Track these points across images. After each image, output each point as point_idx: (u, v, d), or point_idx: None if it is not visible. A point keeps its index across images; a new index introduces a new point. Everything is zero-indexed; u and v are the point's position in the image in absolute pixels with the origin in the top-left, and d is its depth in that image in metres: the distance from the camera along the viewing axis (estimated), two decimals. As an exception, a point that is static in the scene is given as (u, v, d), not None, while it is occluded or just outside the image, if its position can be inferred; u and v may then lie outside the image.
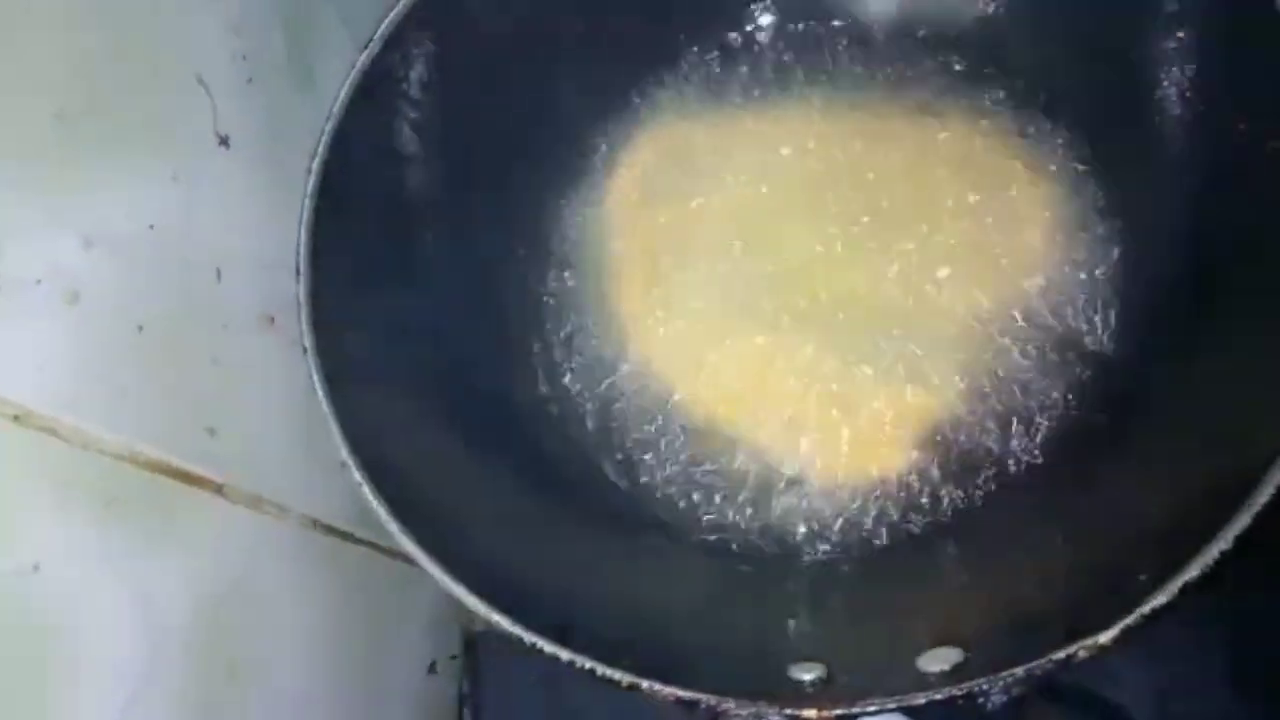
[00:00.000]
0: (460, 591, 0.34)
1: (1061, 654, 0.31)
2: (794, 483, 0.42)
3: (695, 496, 0.42)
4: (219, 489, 0.42)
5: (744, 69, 0.48)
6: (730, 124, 0.47)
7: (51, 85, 0.36)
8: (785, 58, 0.47)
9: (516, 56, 0.45)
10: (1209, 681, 0.49)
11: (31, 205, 0.34)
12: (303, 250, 0.39)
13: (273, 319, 0.47)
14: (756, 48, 0.48)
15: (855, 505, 0.41)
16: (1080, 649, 0.31)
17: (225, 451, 0.43)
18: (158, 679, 0.37)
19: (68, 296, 0.35)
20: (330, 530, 0.50)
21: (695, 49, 0.48)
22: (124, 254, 0.38)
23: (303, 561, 0.48)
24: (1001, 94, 0.46)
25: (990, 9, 0.46)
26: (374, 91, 0.43)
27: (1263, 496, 0.31)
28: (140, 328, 0.39)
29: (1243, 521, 0.31)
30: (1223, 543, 0.31)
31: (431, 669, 0.61)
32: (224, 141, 0.45)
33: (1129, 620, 0.31)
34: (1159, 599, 0.31)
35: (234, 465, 0.43)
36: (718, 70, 0.48)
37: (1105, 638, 0.31)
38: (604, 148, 0.48)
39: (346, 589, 0.51)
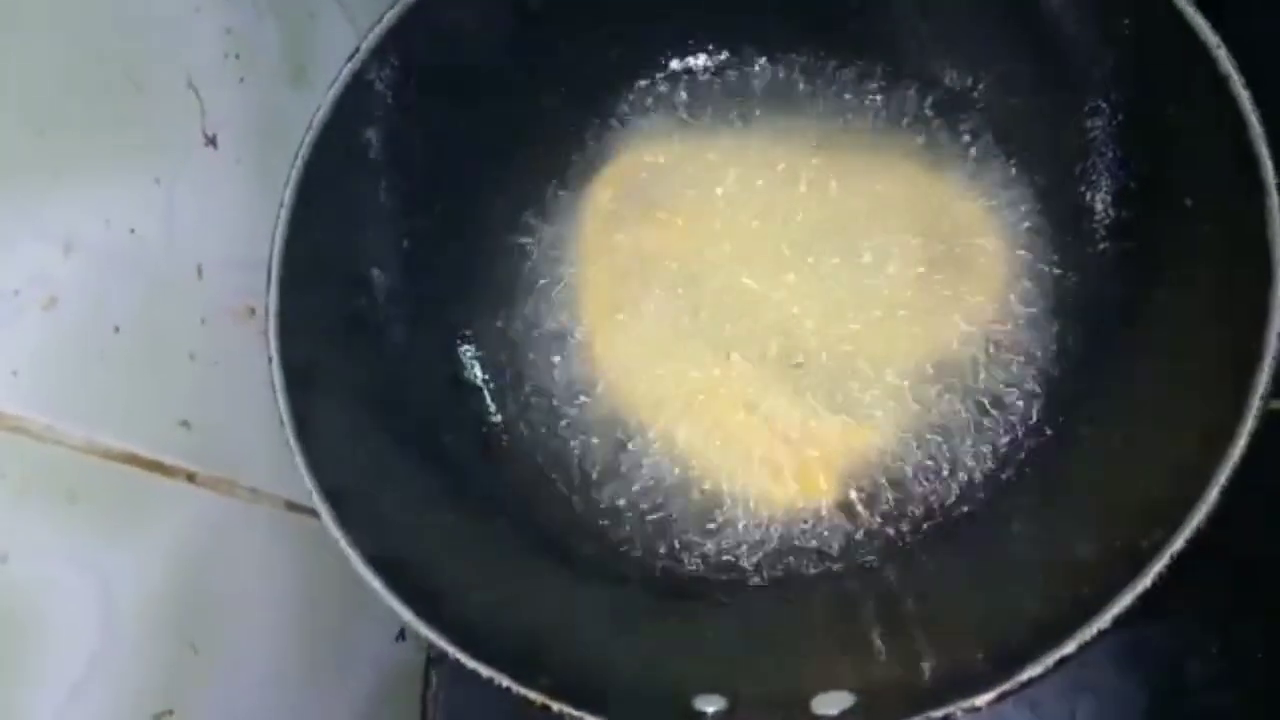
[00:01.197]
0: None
1: (939, 713, 0.33)
2: (726, 512, 0.44)
3: (631, 521, 0.44)
4: (191, 477, 0.45)
5: (710, 100, 0.49)
6: (695, 155, 0.48)
7: (31, 91, 0.37)
8: (749, 91, 0.48)
9: (493, 79, 0.47)
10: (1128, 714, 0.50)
11: (11, 216, 0.36)
12: (275, 261, 0.41)
13: (254, 309, 0.49)
14: (721, 80, 0.49)
15: (778, 538, 0.43)
16: (958, 709, 0.33)
17: (199, 441, 0.45)
18: (115, 660, 0.40)
19: (45, 302, 0.37)
20: (303, 509, 0.53)
21: (659, 79, 0.49)
22: (103, 259, 0.40)
23: (274, 541, 0.50)
24: (966, 138, 0.46)
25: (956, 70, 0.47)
26: (353, 104, 0.44)
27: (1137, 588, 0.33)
28: (117, 328, 0.41)
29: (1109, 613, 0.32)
30: (1099, 624, 0.33)
31: (400, 636, 0.64)
32: (211, 141, 0.47)
33: (1007, 687, 0.33)
34: (1036, 670, 0.33)
35: (207, 454, 0.46)
36: (686, 99, 0.49)
37: (982, 700, 0.33)
38: (575, 170, 0.49)
39: (318, 563, 0.54)
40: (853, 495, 0.43)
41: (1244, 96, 0.36)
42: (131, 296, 0.42)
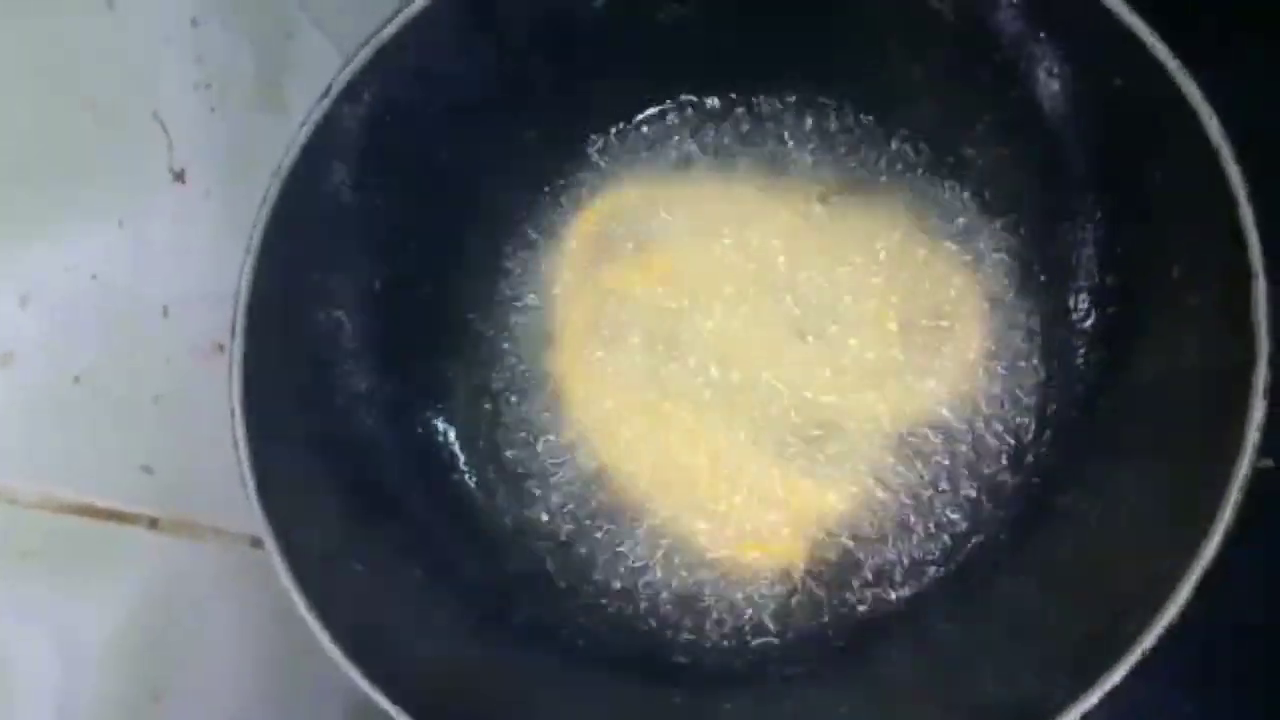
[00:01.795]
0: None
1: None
2: (682, 569, 0.43)
3: (598, 587, 0.44)
4: (153, 523, 0.44)
5: (693, 143, 0.47)
6: (676, 199, 0.47)
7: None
8: (734, 135, 0.47)
9: (471, 117, 0.45)
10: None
11: (-37, 271, 0.35)
12: (239, 311, 0.40)
13: (221, 346, 0.48)
14: (706, 123, 0.47)
15: (739, 597, 0.43)
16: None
17: (161, 485, 0.44)
18: (75, 712, 0.39)
19: (0, 359, 0.36)
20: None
21: (642, 120, 0.48)
22: (63, 307, 0.39)
23: (239, 580, 0.49)
24: (950, 195, 0.45)
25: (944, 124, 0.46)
26: (325, 143, 0.43)
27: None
28: (76, 378, 0.40)
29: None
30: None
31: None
32: (179, 177, 0.46)
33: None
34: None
35: (170, 498, 0.45)
36: (669, 141, 0.48)
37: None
38: (554, 212, 0.48)
39: (284, 600, 0.54)
40: (815, 553, 0.43)
41: (1234, 172, 0.35)
42: (93, 344, 0.41)
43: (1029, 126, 0.43)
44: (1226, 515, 0.33)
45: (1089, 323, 0.42)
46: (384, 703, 0.36)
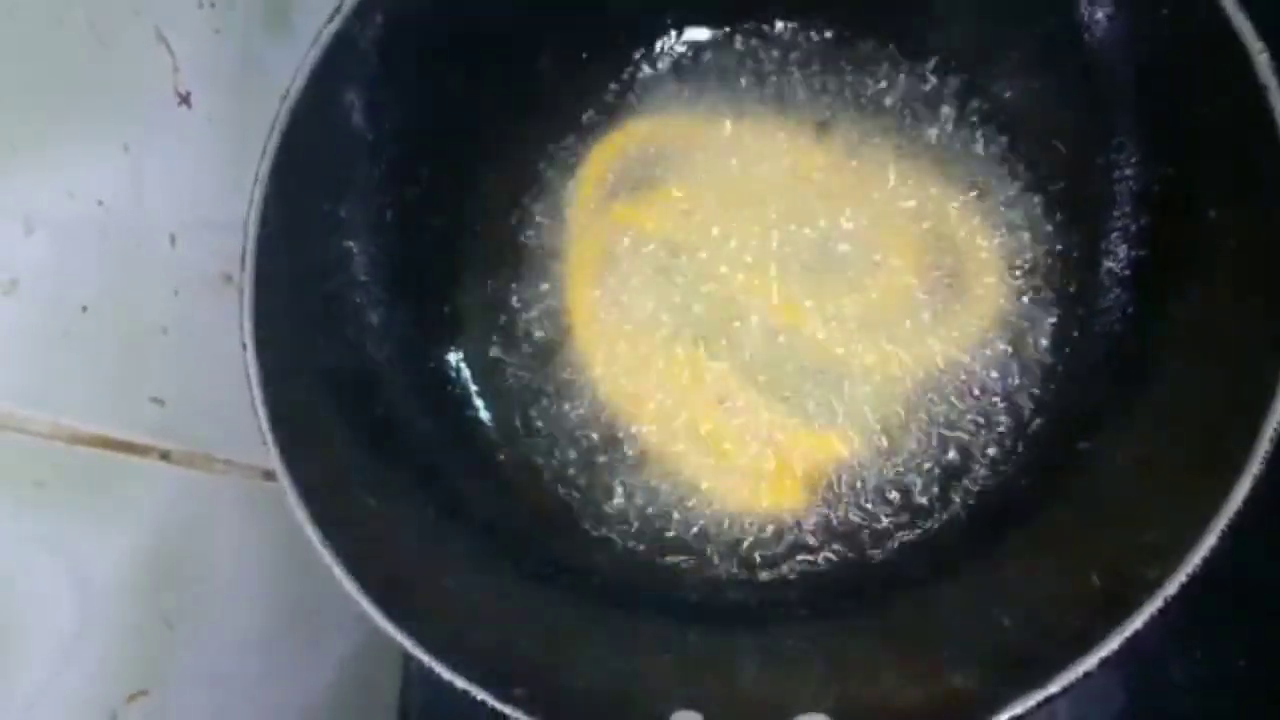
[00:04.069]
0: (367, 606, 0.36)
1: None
2: (704, 514, 0.43)
3: (609, 520, 0.44)
4: (164, 455, 0.44)
5: (717, 76, 0.46)
6: (697, 134, 0.45)
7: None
8: (758, 68, 0.45)
9: (486, 41, 0.44)
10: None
11: (-35, 197, 0.34)
12: (249, 242, 0.39)
13: (230, 276, 0.47)
14: (730, 55, 0.46)
15: (751, 544, 0.42)
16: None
17: (172, 417, 0.44)
18: (90, 642, 0.39)
19: (4, 286, 0.35)
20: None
21: (664, 49, 0.47)
22: (68, 235, 0.38)
23: (251, 512, 0.49)
24: (980, 137, 0.44)
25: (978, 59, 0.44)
26: (335, 66, 0.41)
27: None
28: (84, 307, 0.39)
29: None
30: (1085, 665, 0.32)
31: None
32: (185, 100, 0.45)
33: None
34: (1016, 709, 0.32)
35: (181, 430, 0.44)
36: (692, 73, 0.46)
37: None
38: (570, 142, 0.47)
39: (296, 531, 0.54)
40: (816, 500, 0.42)
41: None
42: (99, 272, 0.40)
43: (1065, 58, 0.41)
44: (1255, 465, 0.33)
45: (1119, 265, 0.41)
46: (397, 634, 0.36)
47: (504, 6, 0.44)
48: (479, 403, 0.46)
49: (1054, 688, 0.32)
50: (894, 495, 0.42)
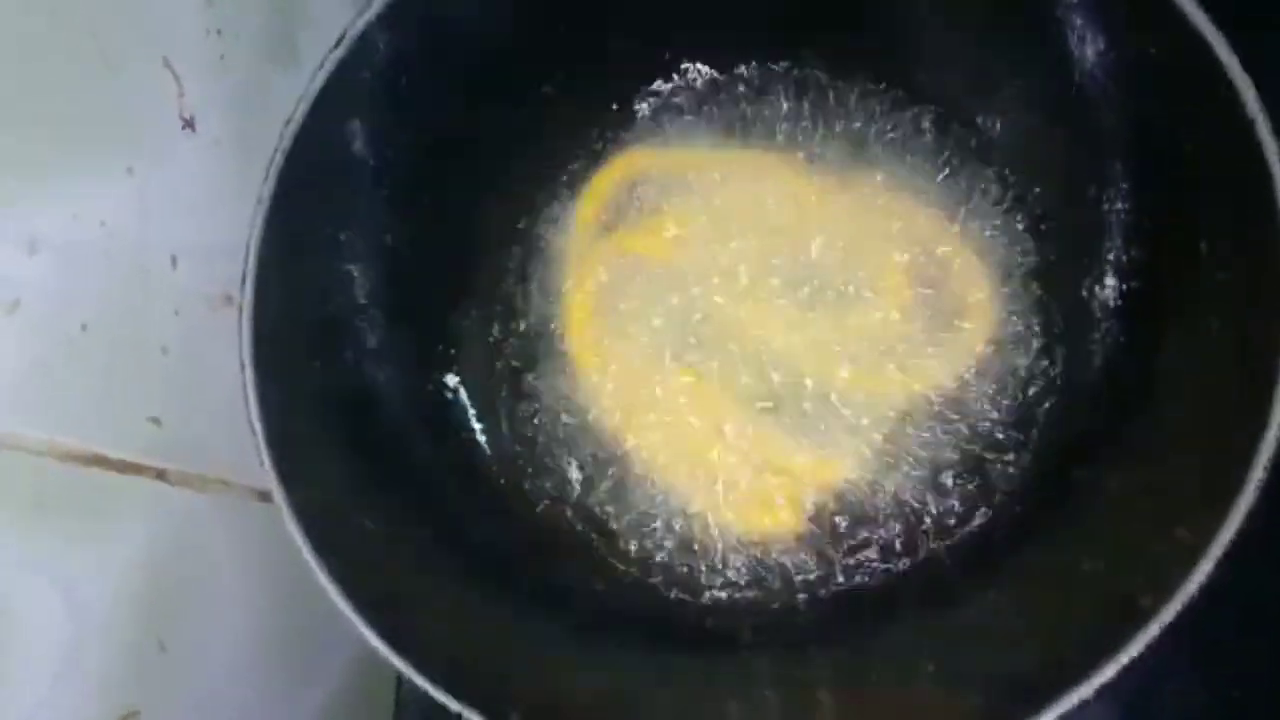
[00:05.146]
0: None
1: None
2: (684, 532, 0.43)
3: (603, 545, 0.44)
4: (160, 474, 0.44)
5: (714, 109, 0.47)
6: (694, 166, 0.46)
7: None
8: (754, 103, 0.46)
9: (488, 72, 0.44)
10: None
11: (-31, 218, 0.34)
12: (250, 263, 0.39)
13: (230, 296, 0.48)
14: (727, 90, 0.47)
15: (742, 567, 0.42)
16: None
17: (169, 437, 0.44)
18: (83, 663, 0.39)
19: (7, 306, 0.36)
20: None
21: (663, 84, 0.47)
22: (70, 256, 0.38)
23: (246, 533, 0.49)
24: (970, 170, 0.45)
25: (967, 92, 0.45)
26: (339, 94, 0.42)
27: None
28: (84, 326, 0.39)
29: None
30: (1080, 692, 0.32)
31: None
32: (189, 124, 0.45)
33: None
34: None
35: (178, 450, 0.44)
36: (690, 107, 0.47)
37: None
38: (570, 172, 0.48)
39: (291, 552, 0.53)
40: (811, 525, 0.43)
41: (1270, 146, 0.34)
42: (100, 292, 0.40)
43: (1057, 94, 0.42)
44: (1249, 494, 0.33)
45: (1112, 297, 0.42)
46: (392, 656, 0.36)
47: (506, 39, 0.45)
48: (476, 426, 0.46)
49: (1050, 715, 0.32)
50: (887, 521, 0.43)
